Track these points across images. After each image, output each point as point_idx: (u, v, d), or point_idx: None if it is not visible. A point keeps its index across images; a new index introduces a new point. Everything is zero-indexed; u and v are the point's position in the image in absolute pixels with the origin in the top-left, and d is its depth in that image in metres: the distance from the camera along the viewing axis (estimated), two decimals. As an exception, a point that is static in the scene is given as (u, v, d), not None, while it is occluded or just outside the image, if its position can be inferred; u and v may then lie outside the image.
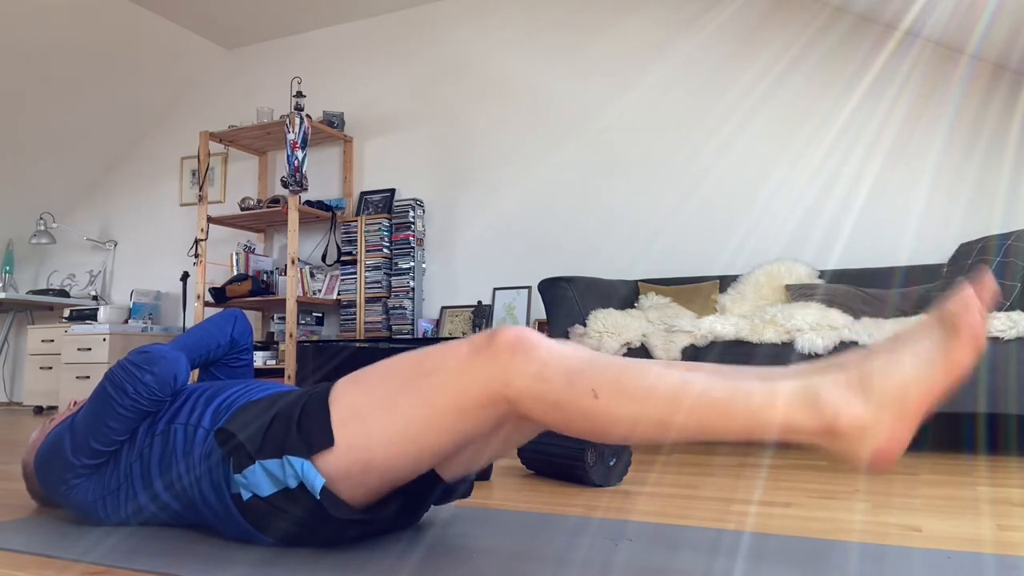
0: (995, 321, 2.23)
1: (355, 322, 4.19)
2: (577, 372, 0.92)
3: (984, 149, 3.16)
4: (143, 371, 1.21)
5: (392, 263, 4.18)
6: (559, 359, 0.94)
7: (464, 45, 4.33)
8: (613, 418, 0.90)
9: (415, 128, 4.42)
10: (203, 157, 4.36)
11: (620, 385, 0.90)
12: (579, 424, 0.93)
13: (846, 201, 3.36)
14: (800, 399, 0.86)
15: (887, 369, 0.86)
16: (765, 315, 2.55)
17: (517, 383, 0.94)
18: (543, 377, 0.93)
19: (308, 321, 4.33)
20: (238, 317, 1.53)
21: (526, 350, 0.95)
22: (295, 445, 1.03)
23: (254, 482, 1.07)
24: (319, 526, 1.07)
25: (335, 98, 4.66)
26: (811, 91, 3.48)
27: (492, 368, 0.96)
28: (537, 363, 0.94)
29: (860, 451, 0.85)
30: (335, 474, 1.02)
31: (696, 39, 3.75)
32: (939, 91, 3.24)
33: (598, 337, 2.69)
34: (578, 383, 0.91)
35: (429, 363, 1.01)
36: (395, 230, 4.21)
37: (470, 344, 0.99)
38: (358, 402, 1.04)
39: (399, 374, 1.03)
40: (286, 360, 3.90)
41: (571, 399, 0.92)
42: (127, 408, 1.20)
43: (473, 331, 3.94)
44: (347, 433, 1.02)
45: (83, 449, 1.22)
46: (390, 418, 1.01)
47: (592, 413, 0.91)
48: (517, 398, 0.95)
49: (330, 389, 1.09)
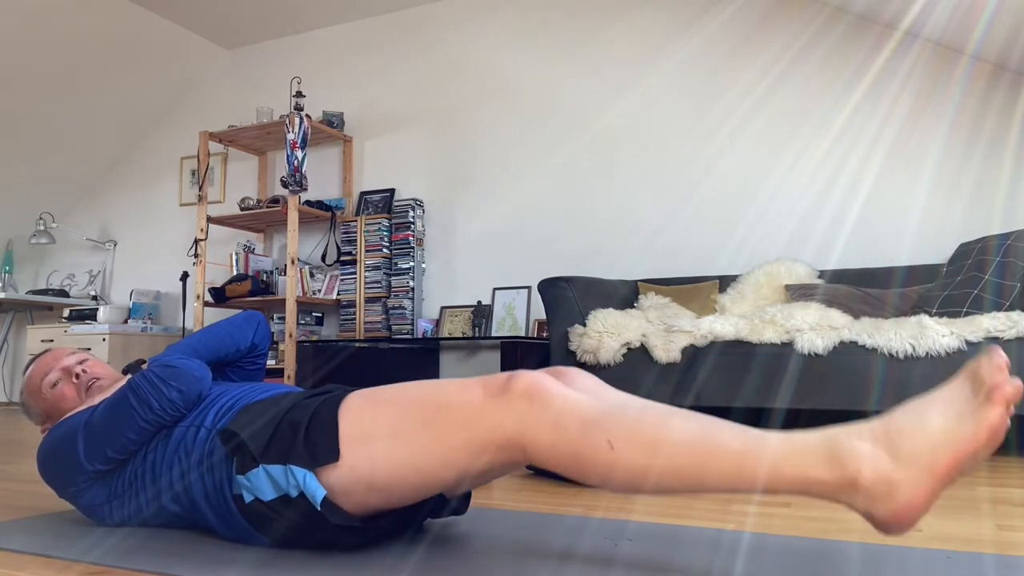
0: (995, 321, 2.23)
1: (355, 322, 4.19)
2: (592, 423, 0.91)
3: (984, 149, 3.16)
4: (170, 387, 1.19)
5: (392, 263, 4.18)
6: (574, 408, 0.93)
7: (464, 45, 4.33)
8: (629, 469, 0.89)
9: (415, 128, 4.42)
10: (203, 157, 4.36)
11: (637, 436, 0.89)
12: (594, 474, 0.92)
13: (846, 201, 3.36)
14: (822, 451, 0.83)
15: (916, 426, 0.82)
16: (765, 315, 2.55)
17: (532, 432, 0.94)
18: (559, 427, 0.92)
19: (308, 321, 4.33)
20: (260, 321, 1.49)
21: (542, 399, 0.94)
22: (300, 455, 1.04)
23: (257, 485, 1.08)
24: (317, 532, 1.08)
25: (335, 98, 4.66)
26: (811, 91, 3.48)
27: (507, 416, 0.95)
28: (553, 412, 0.93)
29: (881, 508, 0.81)
30: (337, 488, 1.03)
31: (696, 39, 3.75)
32: (939, 91, 3.24)
33: (598, 337, 2.68)
34: (593, 433, 0.91)
35: (443, 400, 1.01)
36: (395, 230, 4.20)
37: (485, 388, 0.99)
38: (368, 424, 1.04)
39: (413, 405, 1.03)
40: (286, 360, 3.90)
41: (586, 450, 0.91)
42: (149, 422, 1.19)
43: (473, 331, 3.94)
44: (354, 453, 1.03)
45: (98, 455, 1.20)
46: (399, 447, 1.01)
47: (608, 464, 0.90)
48: (532, 447, 0.94)
49: (340, 401, 1.09)
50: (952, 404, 0.82)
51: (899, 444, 0.81)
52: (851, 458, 0.81)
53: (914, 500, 0.80)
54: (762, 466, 0.84)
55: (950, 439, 0.80)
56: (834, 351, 2.36)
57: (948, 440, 0.80)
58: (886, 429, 0.83)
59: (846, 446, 0.82)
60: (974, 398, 0.81)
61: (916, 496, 0.80)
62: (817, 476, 0.82)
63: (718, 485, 0.87)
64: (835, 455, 0.82)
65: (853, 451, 0.82)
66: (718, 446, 0.86)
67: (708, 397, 2.52)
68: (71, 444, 1.22)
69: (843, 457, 0.82)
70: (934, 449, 0.80)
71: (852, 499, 0.82)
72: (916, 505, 0.80)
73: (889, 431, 0.82)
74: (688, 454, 0.87)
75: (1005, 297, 2.47)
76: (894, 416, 0.84)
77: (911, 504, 0.80)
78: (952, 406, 0.82)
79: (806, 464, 0.83)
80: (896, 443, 0.81)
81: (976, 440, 0.79)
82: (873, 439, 0.82)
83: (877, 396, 2.28)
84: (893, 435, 0.82)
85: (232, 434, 1.10)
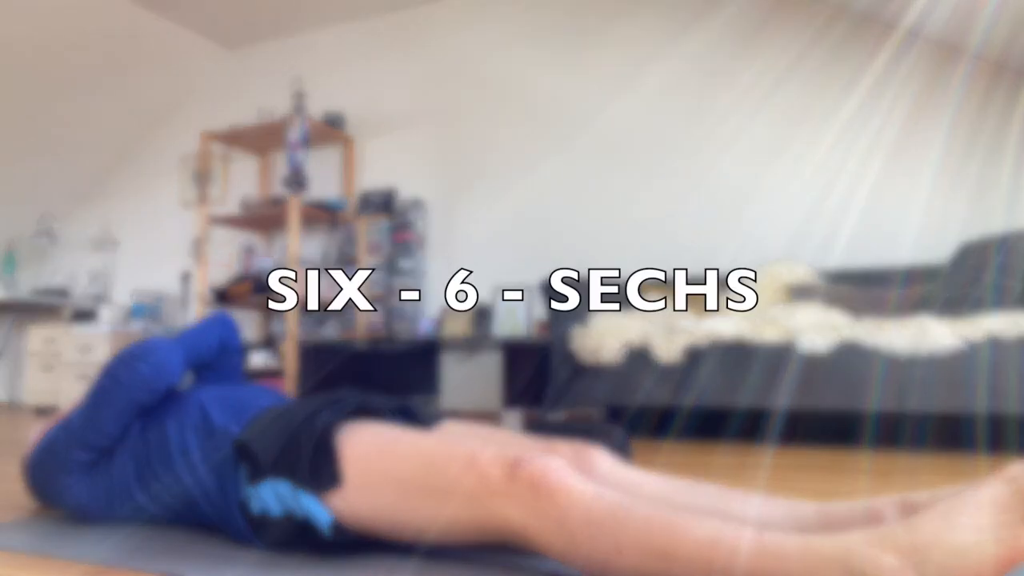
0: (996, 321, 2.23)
1: (355, 322, 4.19)
2: (600, 525, 0.88)
3: (984, 149, 3.16)
4: (138, 361, 1.20)
5: (393, 263, 4.18)
6: (582, 509, 0.90)
7: (464, 45, 4.33)
8: (635, 570, 0.86)
9: (416, 128, 4.42)
10: (204, 157, 4.36)
11: (647, 543, 0.86)
12: (597, 568, 0.89)
13: (846, 201, 3.36)
14: (838, 565, 0.76)
15: (945, 538, 0.74)
16: (766, 315, 2.55)
17: (536, 527, 0.92)
18: (565, 528, 0.90)
19: (308, 322, 4.33)
20: (225, 320, 1.51)
21: (548, 494, 0.92)
22: (305, 479, 1.05)
23: (265, 497, 1.09)
24: (317, 543, 1.09)
25: (336, 98, 4.66)
26: (811, 91, 3.48)
27: (510, 506, 0.94)
28: (559, 511, 0.91)
29: None
30: (340, 515, 1.05)
31: (696, 39, 3.75)
32: (939, 91, 3.24)
33: (599, 337, 2.69)
34: (601, 538, 0.88)
35: (451, 469, 0.99)
36: (396, 230, 4.21)
37: (493, 465, 0.97)
38: (375, 471, 1.04)
39: (420, 466, 1.02)
40: (286, 361, 3.90)
41: (593, 554, 0.88)
42: (123, 399, 1.20)
43: (474, 331, 3.93)
44: (357, 497, 1.04)
45: (77, 443, 1.21)
46: (400, 503, 1.02)
47: (615, 569, 0.87)
48: (535, 540, 0.93)
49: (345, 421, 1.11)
50: (985, 513, 0.75)
51: (928, 558, 0.74)
52: (874, 574, 0.75)
53: None
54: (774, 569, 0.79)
55: (983, 558, 0.73)
56: (835, 351, 2.36)
57: (979, 559, 0.73)
58: (912, 540, 0.75)
59: (868, 559, 0.75)
60: (1012, 511, 0.74)
61: None
62: None
63: None
64: (854, 570, 0.76)
65: (876, 566, 0.75)
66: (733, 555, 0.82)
67: (709, 397, 2.52)
68: (53, 443, 1.24)
69: (865, 573, 0.75)
70: (964, 569, 0.73)
71: None
72: None
73: (915, 543, 0.75)
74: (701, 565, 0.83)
75: (1006, 297, 2.47)
76: (920, 523, 0.76)
77: None
78: (985, 516, 0.75)
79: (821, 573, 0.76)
80: (924, 557, 0.74)
81: (1004, 562, 0.73)
82: (897, 552, 0.75)
83: (878, 396, 2.28)
84: (920, 548, 0.74)
85: (243, 445, 1.11)
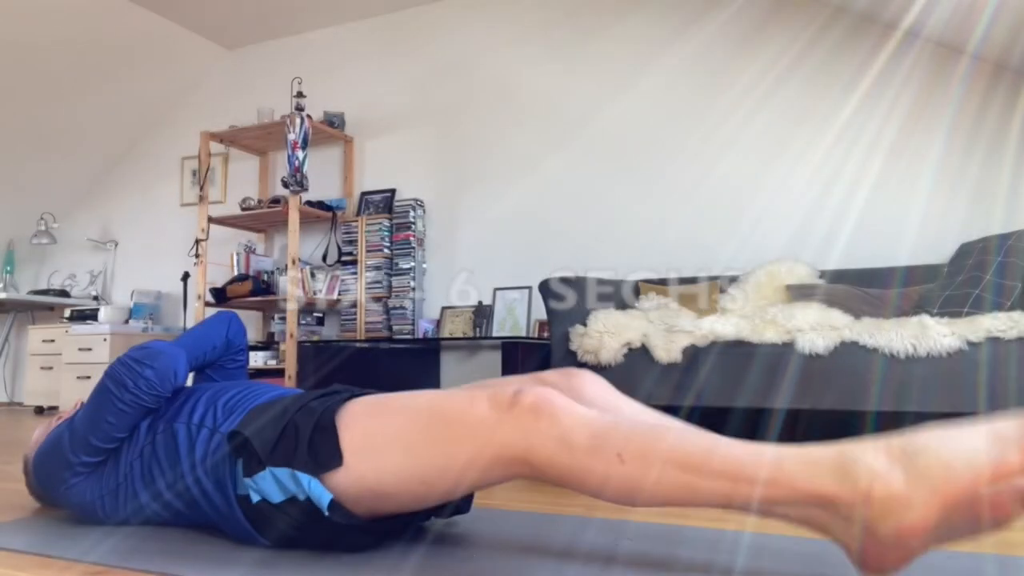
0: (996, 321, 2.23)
1: (356, 322, 4.19)
2: (602, 436, 0.90)
3: (984, 149, 3.16)
4: (143, 366, 1.21)
5: (393, 263, 4.18)
6: (583, 424, 0.92)
7: (464, 45, 4.33)
8: (638, 483, 0.88)
9: (416, 128, 4.42)
10: (204, 157, 4.36)
11: (648, 449, 0.88)
12: (603, 489, 0.91)
13: (846, 201, 3.36)
14: (834, 466, 0.80)
15: (935, 446, 0.77)
16: (766, 315, 2.55)
17: (540, 449, 0.93)
18: (567, 443, 0.91)
19: (309, 321, 4.33)
20: (232, 319, 1.52)
21: (549, 414, 0.93)
22: (304, 462, 1.05)
23: (264, 487, 1.09)
24: (320, 532, 1.08)
25: (336, 98, 4.66)
26: (811, 91, 3.48)
27: (514, 432, 0.95)
28: (560, 428, 0.92)
29: (883, 525, 0.77)
30: (343, 494, 1.04)
31: (696, 39, 3.75)
32: (939, 91, 3.24)
33: (599, 337, 2.68)
34: (603, 448, 0.89)
35: (451, 414, 1.00)
36: (396, 230, 4.21)
37: (491, 401, 0.98)
38: (375, 434, 1.04)
39: (420, 417, 1.03)
40: (287, 360, 3.90)
41: (596, 465, 0.90)
42: (127, 403, 1.20)
43: (474, 331, 3.94)
44: (360, 462, 1.03)
45: (82, 446, 1.22)
46: (405, 459, 1.01)
47: (618, 479, 0.89)
48: (539, 463, 0.93)
49: (344, 405, 1.10)
50: (982, 437, 0.77)
51: (916, 463, 0.77)
52: (864, 472, 0.78)
53: (918, 521, 0.75)
54: (775, 481, 0.81)
55: (969, 470, 0.74)
56: (835, 351, 2.36)
57: (969, 465, 0.74)
58: (903, 446, 0.79)
59: (860, 460, 0.79)
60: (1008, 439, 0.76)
61: (921, 517, 0.75)
62: (826, 489, 0.79)
63: (725, 500, 0.85)
64: (847, 468, 0.79)
65: (868, 465, 0.78)
66: (729, 460, 0.85)
67: (709, 397, 2.51)
68: (58, 443, 1.24)
69: (856, 472, 0.78)
70: (950, 471, 0.75)
71: (850, 520, 0.79)
72: (918, 527, 0.75)
73: (907, 448, 0.78)
74: (698, 468, 0.85)
75: (1006, 297, 2.47)
76: (916, 435, 0.80)
77: (914, 525, 0.76)
78: (982, 439, 0.76)
79: (815, 475, 0.80)
80: (913, 462, 0.77)
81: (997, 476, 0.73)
82: (888, 455, 0.79)
83: (878, 396, 2.28)
84: (910, 453, 0.78)
85: (240, 438, 1.11)
